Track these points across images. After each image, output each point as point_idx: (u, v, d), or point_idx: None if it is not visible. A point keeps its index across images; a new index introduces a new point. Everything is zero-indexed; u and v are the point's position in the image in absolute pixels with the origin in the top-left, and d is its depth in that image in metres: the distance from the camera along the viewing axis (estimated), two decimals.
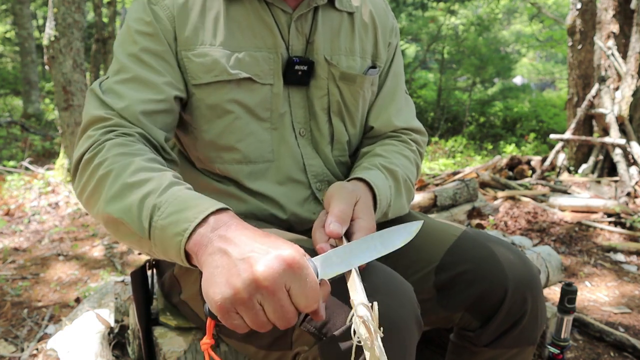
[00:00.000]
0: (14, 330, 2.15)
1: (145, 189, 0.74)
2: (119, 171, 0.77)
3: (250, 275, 0.60)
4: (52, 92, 7.77)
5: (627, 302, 2.45)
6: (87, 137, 0.87)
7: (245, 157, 1.01)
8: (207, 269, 0.64)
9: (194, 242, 0.67)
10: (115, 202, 0.75)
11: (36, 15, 14.93)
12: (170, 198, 0.72)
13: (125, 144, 0.83)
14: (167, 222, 0.70)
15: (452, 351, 1.05)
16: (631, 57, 4.75)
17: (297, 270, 0.61)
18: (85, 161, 0.83)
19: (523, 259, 0.98)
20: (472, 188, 2.97)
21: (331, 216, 0.81)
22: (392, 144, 1.10)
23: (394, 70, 1.16)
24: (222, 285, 0.61)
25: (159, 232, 0.70)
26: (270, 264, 0.60)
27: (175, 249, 0.69)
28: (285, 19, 1.00)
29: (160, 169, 0.79)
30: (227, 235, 0.66)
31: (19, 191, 4.29)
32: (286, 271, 0.61)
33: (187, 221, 0.68)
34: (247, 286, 0.60)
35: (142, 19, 0.94)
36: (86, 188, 0.82)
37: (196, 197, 0.73)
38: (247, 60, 0.97)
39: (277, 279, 0.60)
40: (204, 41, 0.95)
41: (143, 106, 0.89)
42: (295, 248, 0.63)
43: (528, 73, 16.46)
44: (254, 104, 0.99)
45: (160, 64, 0.93)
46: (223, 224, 0.68)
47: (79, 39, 4.19)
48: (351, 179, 0.95)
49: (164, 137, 0.93)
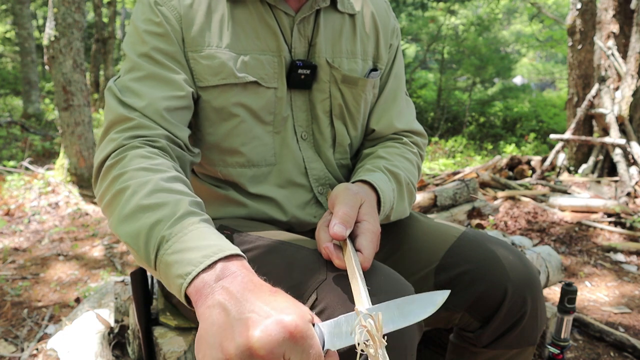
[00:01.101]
0: (14, 330, 2.15)
1: (157, 214, 0.71)
2: (136, 188, 0.75)
3: (245, 341, 0.55)
4: (52, 92, 7.77)
5: (627, 302, 2.45)
6: (109, 140, 0.85)
7: (249, 160, 1.01)
8: (203, 323, 0.60)
9: (196, 289, 0.63)
10: (126, 224, 0.73)
11: (36, 15, 14.93)
12: (180, 231, 0.68)
13: (147, 157, 0.81)
14: (172, 259, 0.66)
15: (452, 351, 1.05)
16: (631, 57, 4.75)
17: (299, 340, 0.56)
18: (106, 167, 0.82)
19: (523, 260, 0.98)
20: (472, 188, 2.97)
21: (335, 218, 0.80)
22: (394, 146, 1.10)
23: (395, 72, 1.15)
24: (215, 347, 0.57)
25: (163, 266, 0.68)
26: (269, 331, 0.55)
27: (176, 290, 0.65)
28: (288, 21, 1.00)
29: (179, 191, 0.75)
30: (231, 289, 0.61)
31: (19, 191, 4.29)
32: (286, 340, 0.55)
33: (191, 264, 0.64)
34: (240, 353, 0.55)
35: (151, 19, 0.94)
36: (104, 196, 0.81)
37: (208, 235, 0.68)
38: (252, 63, 0.97)
39: (275, 348, 0.54)
40: (210, 43, 0.95)
41: (165, 103, 0.88)
42: (300, 313, 0.57)
43: (528, 73, 16.46)
44: (259, 107, 0.99)
45: (174, 63, 0.93)
46: (229, 274, 0.63)
47: (79, 39, 4.19)
48: (355, 181, 0.95)
49: (187, 134, 0.92)
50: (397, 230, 1.06)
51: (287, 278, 0.79)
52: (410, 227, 1.06)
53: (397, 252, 1.02)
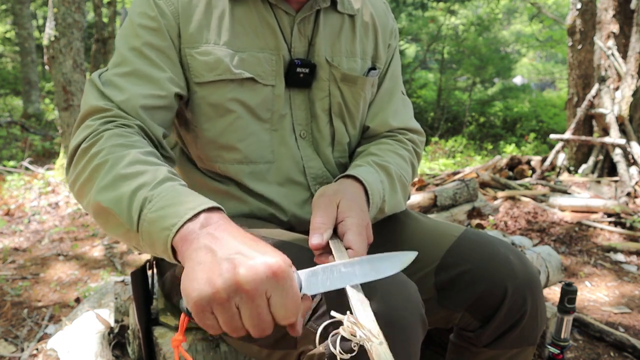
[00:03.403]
0: (14, 330, 2.15)
1: (138, 181, 0.73)
2: (114, 162, 0.76)
3: (232, 276, 0.59)
4: (52, 92, 7.76)
5: (627, 302, 2.45)
6: (85, 126, 0.86)
7: (246, 157, 1.01)
8: (190, 263, 0.63)
9: (181, 237, 0.66)
10: (107, 191, 0.74)
11: (36, 15, 14.93)
12: (162, 192, 0.71)
13: (123, 135, 0.82)
14: (156, 215, 0.69)
15: (452, 351, 1.05)
16: (631, 57, 4.75)
17: (280, 279, 0.60)
18: (81, 150, 0.83)
19: (523, 260, 0.98)
20: (472, 188, 2.97)
21: (311, 230, 0.81)
22: (387, 143, 1.10)
23: (392, 72, 1.16)
24: (202, 282, 0.60)
25: (147, 225, 0.70)
26: (255, 269, 0.59)
27: (162, 242, 0.68)
28: (288, 21, 1.00)
29: (156, 162, 0.78)
30: (216, 234, 0.65)
31: (19, 191, 4.29)
32: (269, 279, 0.59)
33: (176, 216, 0.67)
34: (228, 287, 0.59)
35: (146, 13, 0.94)
36: (80, 177, 0.81)
37: (189, 193, 0.72)
38: (249, 60, 0.97)
39: (259, 284, 0.59)
40: (208, 39, 0.95)
41: (143, 101, 0.89)
42: (282, 257, 0.62)
43: (528, 73, 16.46)
44: (255, 104, 0.99)
45: (162, 59, 0.93)
46: (213, 223, 0.67)
47: (79, 39, 4.19)
48: (338, 178, 0.96)
49: (162, 133, 0.92)
50: (397, 230, 1.06)
51: None
52: (410, 227, 1.06)
53: (396, 250, 1.02)
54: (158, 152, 0.90)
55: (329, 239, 0.81)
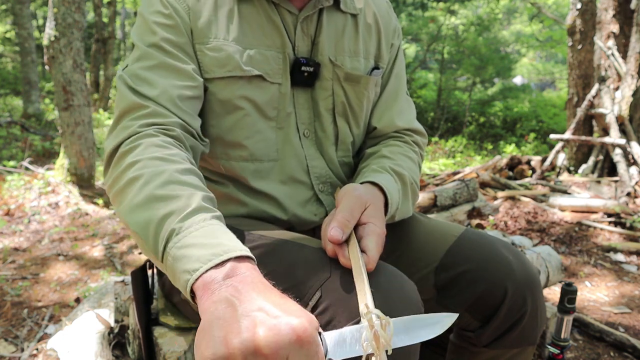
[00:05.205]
0: (14, 330, 2.15)
1: (169, 206, 0.70)
2: (149, 178, 0.74)
3: (250, 336, 0.54)
4: (52, 92, 7.77)
5: (627, 302, 2.45)
6: (123, 127, 0.85)
7: (252, 154, 1.01)
8: (207, 316, 0.58)
9: (203, 284, 0.62)
10: (137, 212, 0.72)
11: (36, 15, 14.93)
12: (192, 226, 0.67)
13: (162, 146, 0.80)
14: (180, 253, 0.65)
15: (452, 351, 1.05)
16: (631, 57, 4.75)
17: (305, 344, 0.54)
18: (120, 154, 0.81)
19: (523, 260, 0.98)
20: (472, 188, 2.97)
21: (334, 221, 0.81)
22: (396, 145, 1.10)
23: (396, 72, 1.16)
24: (218, 341, 0.55)
25: (171, 260, 0.67)
26: (276, 330, 0.54)
27: (182, 285, 0.65)
28: (292, 20, 1.01)
29: (193, 185, 0.75)
30: (239, 287, 0.60)
31: (19, 191, 4.29)
32: (292, 343, 0.54)
33: (199, 261, 0.63)
34: (244, 349, 0.53)
35: (160, 11, 0.94)
36: (115, 185, 0.80)
37: (219, 234, 0.67)
38: (258, 58, 0.97)
39: (280, 349, 0.53)
40: (217, 35, 0.95)
41: (178, 91, 0.89)
42: (309, 318, 0.57)
43: (528, 73, 16.46)
44: (263, 102, 0.99)
45: (183, 54, 0.93)
46: (239, 274, 0.62)
47: (79, 39, 4.19)
48: (364, 182, 0.95)
49: (199, 124, 0.92)
50: (397, 230, 1.06)
51: (290, 276, 0.79)
52: (410, 227, 1.06)
53: (397, 251, 1.02)
54: (199, 142, 0.90)
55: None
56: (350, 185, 0.90)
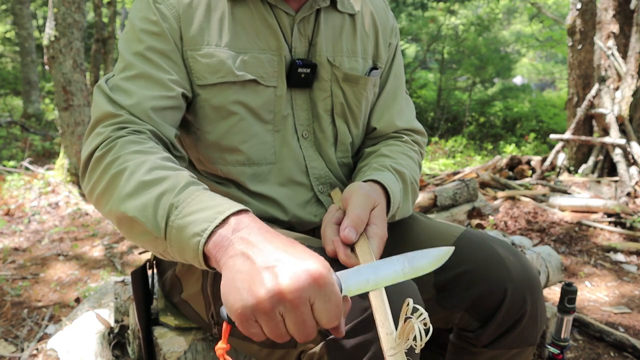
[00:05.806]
0: (14, 330, 2.15)
1: (161, 187, 0.73)
2: (133, 169, 0.76)
3: (275, 286, 0.58)
4: (52, 92, 7.77)
5: (627, 302, 2.45)
6: (96, 134, 0.86)
7: (248, 158, 1.01)
8: (228, 272, 0.62)
9: (214, 244, 0.66)
10: (130, 200, 0.74)
11: (36, 15, 14.92)
12: (188, 197, 0.71)
13: (138, 142, 0.82)
14: (184, 222, 0.68)
15: (452, 352, 1.05)
16: (631, 57, 4.75)
17: (322, 285, 0.59)
18: (96, 158, 0.82)
19: (522, 260, 0.98)
20: (472, 188, 2.97)
21: (347, 220, 0.81)
22: (396, 145, 1.10)
23: (395, 71, 1.16)
24: (244, 292, 0.59)
25: (175, 232, 0.69)
26: (297, 277, 0.58)
27: (193, 249, 0.67)
28: (288, 21, 1.00)
29: (176, 167, 0.78)
30: (250, 239, 0.64)
31: (19, 191, 4.29)
32: (312, 286, 0.59)
33: (206, 221, 0.66)
34: (271, 297, 0.58)
35: (148, 18, 0.94)
36: (97, 186, 0.80)
37: (214, 197, 0.71)
38: (251, 62, 0.97)
39: (303, 293, 0.58)
40: (209, 41, 0.95)
41: (153, 102, 0.89)
42: (322, 262, 0.61)
43: (528, 73, 16.45)
44: (258, 105, 0.99)
45: (167, 62, 0.93)
46: (245, 226, 0.66)
47: (79, 39, 4.19)
48: (367, 181, 0.95)
49: (174, 133, 0.92)
50: (397, 230, 1.06)
51: None
52: (410, 227, 1.06)
53: (396, 251, 1.02)
54: (171, 153, 0.90)
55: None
56: (355, 183, 0.91)
